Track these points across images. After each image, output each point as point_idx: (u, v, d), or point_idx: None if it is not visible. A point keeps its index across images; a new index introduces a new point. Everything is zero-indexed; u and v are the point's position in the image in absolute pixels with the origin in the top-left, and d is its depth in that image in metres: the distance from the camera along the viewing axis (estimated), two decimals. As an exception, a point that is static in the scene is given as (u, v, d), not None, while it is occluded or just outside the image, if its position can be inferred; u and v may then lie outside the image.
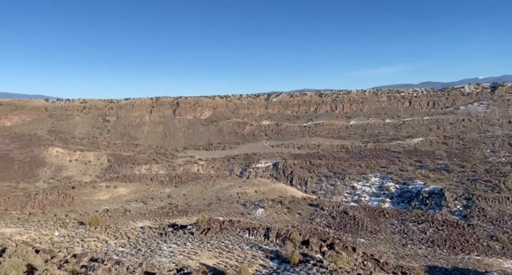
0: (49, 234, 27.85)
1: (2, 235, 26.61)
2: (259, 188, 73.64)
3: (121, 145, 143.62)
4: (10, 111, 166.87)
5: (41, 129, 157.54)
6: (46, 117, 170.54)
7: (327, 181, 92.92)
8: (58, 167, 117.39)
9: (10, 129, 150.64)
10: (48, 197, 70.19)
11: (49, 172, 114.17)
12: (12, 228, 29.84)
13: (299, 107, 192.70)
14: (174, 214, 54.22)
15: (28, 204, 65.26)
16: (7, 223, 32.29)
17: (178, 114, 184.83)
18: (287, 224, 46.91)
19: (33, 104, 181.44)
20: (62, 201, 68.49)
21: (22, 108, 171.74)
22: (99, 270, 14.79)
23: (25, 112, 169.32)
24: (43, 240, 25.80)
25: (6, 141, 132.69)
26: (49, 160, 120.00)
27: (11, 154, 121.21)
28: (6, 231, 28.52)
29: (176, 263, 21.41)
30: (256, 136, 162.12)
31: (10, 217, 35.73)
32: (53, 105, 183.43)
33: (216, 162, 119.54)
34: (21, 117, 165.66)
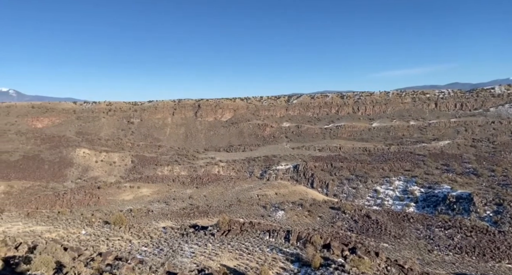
0: (76, 233, 28.85)
1: (33, 233, 27.82)
2: (280, 190, 73.36)
3: (145, 147, 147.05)
4: (41, 114, 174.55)
5: (69, 130, 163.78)
6: (74, 119, 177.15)
7: (349, 184, 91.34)
8: (85, 167, 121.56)
9: (41, 131, 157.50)
10: (76, 197, 72.86)
11: (77, 173, 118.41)
12: (42, 226, 31.13)
13: (320, 109, 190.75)
14: (195, 215, 54.91)
15: (57, 203, 67.97)
16: (38, 221, 33.73)
17: (199, 116, 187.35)
18: (308, 227, 46.43)
19: (62, 106, 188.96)
20: (89, 200, 70.89)
21: (52, 110, 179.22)
22: (123, 268, 15.14)
23: (54, 114, 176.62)
24: (71, 238, 26.75)
25: (38, 142, 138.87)
26: (76, 160, 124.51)
27: (41, 155, 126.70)
28: (37, 228, 29.79)
29: (197, 263, 21.63)
30: (276, 138, 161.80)
31: (41, 215, 37.32)
32: (81, 108, 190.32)
33: (236, 164, 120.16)
34: (51, 119, 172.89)
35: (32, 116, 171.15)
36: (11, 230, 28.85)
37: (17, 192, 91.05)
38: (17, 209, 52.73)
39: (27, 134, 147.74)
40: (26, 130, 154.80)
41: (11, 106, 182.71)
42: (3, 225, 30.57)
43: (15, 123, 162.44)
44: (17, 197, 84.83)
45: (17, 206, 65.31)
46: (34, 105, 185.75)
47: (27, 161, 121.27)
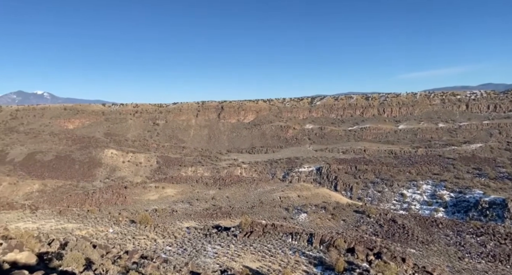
0: (104, 231, 29.86)
1: (64, 230, 29.06)
2: (302, 192, 72.71)
3: (169, 148, 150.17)
4: (72, 115, 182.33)
5: (98, 131, 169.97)
6: (103, 120, 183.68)
7: (374, 188, 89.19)
8: (113, 167, 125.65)
9: (72, 132, 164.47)
10: (104, 196, 75.41)
11: (105, 172, 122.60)
12: (73, 224, 32.45)
13: (344, 110, 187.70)
14: (218, 215, 55.41)
15: (86, 202, 70.62)
16: (69, 218, 35.21)
17: (222, 118, 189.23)
18: (331, 230, 45.70)
19: (92, 108, 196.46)
20: (116, 200, 73.15)
21: (82, 112, 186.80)
22: (148, 267, 15.49)
23: (85, 116, 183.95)
24: (99, 236, 27.71)
25: (69, 143, 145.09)
26: (104, 161, 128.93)
27: (72, 155, 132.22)
28: (68, 226, 31.09)
29: (220, 264, 21.81)
30: (299, 140, 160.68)
31: (72, 213, 38.93)
32: (109, 109, 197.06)
33: (258, 166, 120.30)
34: (81, 121, 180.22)
35: (64, 118, 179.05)
36: (45, 226, 30.27)
37: (50, 190, 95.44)
38: (50, 207, 55.24)
39: (60, 135, 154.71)
40: (58, 131, 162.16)
41: (46, 108, 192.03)
42: (37, 222, 32.13)
43: (49, 124, 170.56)
44: (50, 195, 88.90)
45: (50, 204, 68.43)
46: (66, 107, 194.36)
47: (59, 161, 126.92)
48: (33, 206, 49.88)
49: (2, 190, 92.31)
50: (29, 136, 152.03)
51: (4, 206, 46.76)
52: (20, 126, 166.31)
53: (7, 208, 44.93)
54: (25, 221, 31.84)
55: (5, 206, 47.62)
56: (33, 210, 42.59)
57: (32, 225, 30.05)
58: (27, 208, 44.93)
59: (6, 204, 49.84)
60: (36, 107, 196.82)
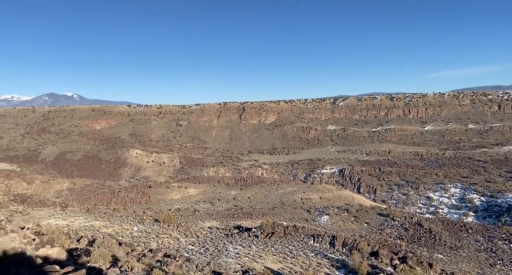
0: (129, 229, 30.68)
1: (92, 227, 30.10)
2: (324, 194, 71.84)
3: (192, 148, 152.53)
4: (99, 116, 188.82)
5: (123, 132, 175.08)
6: (128, 121, 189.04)
7: (399, 190, 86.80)
8: (137, 167, 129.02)
9: (99, 132, 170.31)
10: (129, 195, 77.54)
11: (130, 172, 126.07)
12: (100, 221, 33.56)
13: (367, 111, 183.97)
14: (239, 216, 55.67)
15: (112, 200, 72.84)
16: (96, 216, 36.45)
17: (243, 118, 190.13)
18: (354, 233, 44.84)
19: (118, 109, 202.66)
20: (140, 199, 75.03)
21: (109, 113, 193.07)
22: (171, 265, 15.75)
23: (111, 117, 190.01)
24: (125, 234, 28.50)
25: (96, 143, 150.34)
26: (130, 160, 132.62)
27: (99, 155, 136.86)
28: (96, 223, 32.18)
29: (241, 264, 21.88)
30: (321, 141, 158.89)
31: (99, 211, 40.29)
32: (134, 111, 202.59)
33: (280, 167, 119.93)
34: (108, 122, 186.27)
35: (92, 119, 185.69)
36: (74, 224, 31.47)
37: (79, 189, 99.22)
38: (79, 205, 57.43)
39: (88, 135, 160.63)
40: (87, 131, 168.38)
41: (75, 110, 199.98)
42: (67, 219, 33.46)
43: (78, 125, 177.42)
44: (79, 193, 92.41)
45: (78, 202, 71.14)
46: (93, 108, 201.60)
47: (87, 160, 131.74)
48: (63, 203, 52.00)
49: (35, 188, 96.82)
50: (60, 136, 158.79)
51: (36, 204, 49.05)
52: (51, 127, 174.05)
53: (39, 205, 47.11)
54: (56, 218, 33.26)
55: (37, 203, 49.94)
56: (63, 207, 44.42)
57: (62, 222, 31.32)
58: (57, 205, 46.89)
59: (39, 202, 52.24)
60: (66, 108, 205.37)
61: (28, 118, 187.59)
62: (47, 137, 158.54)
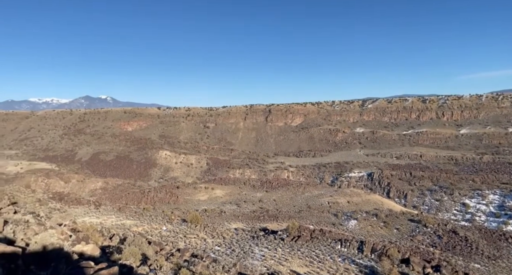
0: (158, 228, 31.50)
1: (123, 226, 31.19)
2: (352, 198, 70.26)
3: (218, 150, 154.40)
4: (131, 118, 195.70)
5: (153, 134, 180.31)
6: (158, 123, 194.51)
7: (431, 196, 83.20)
8: (166, 168, 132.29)
9: (131, 134, 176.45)
10: (158, 195, 79.62)
11: (159, 173, 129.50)
12: (131, 220, 34.71)
13: (398, 114, 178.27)
14: (265, 218, 55.61)
15: (142, 200, 75.11)
16: (127, 215, 37.73)
17: (270, 121, 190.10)
18: (383, 239, 43.47)
19: (148, 112, 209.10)
20: (169, 199, 76.85)
21: (140, 115, 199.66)
22: (198, 265, 15.98)
23: (142, 119, 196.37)
24: (154, 233, 29.29)
25: (128, 144, 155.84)
26: (159, 161, 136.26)
27: (131, 156, 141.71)
28: (127, 222, 33.31)
29: (267, 267, 21.82)
30: (349, 144, 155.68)
31: (129, 211, 41.69)
32: (164, 113, 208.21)
33: (306, 170, 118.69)
34: (139, 123, 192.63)
35: (124, 121, 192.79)
36: (107, 222, 32.75)
37: (111, 188, 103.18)
38: (111, 204, 59.69)
39: (120, 136, 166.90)
40: (119, 133, 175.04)
41: (108, 112, 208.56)
42: (100, 217, 34.88)
43: (111, 126, 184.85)
44: (111, 192, 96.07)
45: (111, 201, 73.95)
46: (125, 110, 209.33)
47: (119, 160, 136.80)
48: (96, 202, 54.25)
49: (72, 187, 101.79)
50: (94, 137, 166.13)
51: (73, 202, 51.52)
52: (87, 128, 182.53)
53: (75, 203, 49.44)
54: (90, 216, 34.78)
55: (73, 201, 52.44)
56: (96, 206, 46.37)
57: (96, 220, 32.68)
58: (92, 204, 49.01)
59: (75, 200, 54.85)
60: (100, 110, 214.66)
61: (66, 120, 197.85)
62: (83, 138, 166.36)
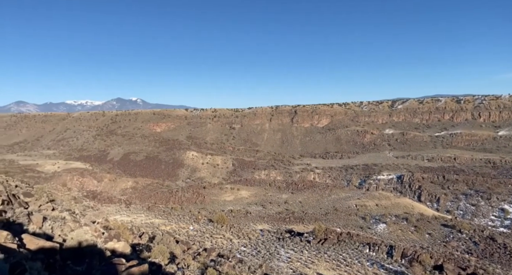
0: (185, 228, 32.11)
1: (152, 224, 32.06)
2: (381, 201, 68.34)
3: (244, 151, 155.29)
4: (160, 120, 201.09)
5: (181, 135, 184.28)
6: (185, 124, 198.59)
7: (466, 200, 79.29)
8: (193, 168, 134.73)
9: (159, 135, 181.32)
10: (185, 195, 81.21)
11: (186, 173, 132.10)
12: (159, 219, 35.62)
13: (430, 114, 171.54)
14: (290, 220, 55.22)
15: (170, 200, 76.87)
16: (156, 214, 38.76)
17: (295, 122, 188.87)
18: (414, 244, 41.89)
19: (176, 113, 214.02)
20: (195, 199, 78.16)
21: (168, 116, 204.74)
22: (225, 265, 16.09)
23: (170, 120, 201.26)
24: (181, 232, 29.87)
25: (157, 144, 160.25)
26: (186, 162, 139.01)
27: (159, 156, 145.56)
28: (155, 221, 34.21)
29: (293, 269, 21.64)
30: (377, 145, 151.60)
31: (158, 210, 42.81)
32: (191, 114, 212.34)
33: (333, 171, 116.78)
34: (167, 125, 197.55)
35: (153, 122, 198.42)
36: (136, 220, 33.80)
37: (141, 187, 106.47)
38: (141, 203, 61.56)
39: (149, 137, 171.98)
40: (148, 134, 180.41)
41: (138, 113, 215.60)
42: (130, 216, 36.06)
43: (141, 127, 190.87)
44: (141, 192, 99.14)
45: (140, 200, 76.28)
46: (155, 112, 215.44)
47: (148, 161, 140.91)
48: (127, 201, 56.15)
49: (104, 186, 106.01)
50: (125, 138, 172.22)
51: (105, 200, 53.63)
52: (118, 129, 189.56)
53: (107, 201, 51.44)
54: (121, 214, 36.04)
55: (106, 200, 54.58)
56: (127, 204, 47.98)
57: (126, 218, 33.81)
58: (122, 202, 50.77)
59: (107, 198, 57.08)
60: (130, 112, 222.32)
61: (99, 121, 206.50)
62: (114, 138, 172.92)
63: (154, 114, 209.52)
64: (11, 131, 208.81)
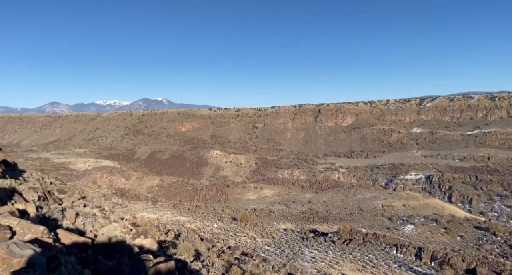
0: (209, 225, 32.53)
1: (177, 222, 32.72)
2: (408, 202, 66.31)
3: (267, 150, 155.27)
4: (184, 119, 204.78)
5: (205, 134, 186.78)
6: (209, 124, 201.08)
7: (502, 202, 75.46)
8: (217, 167, 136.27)
9: (184, 134, 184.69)
10: (209, 193, 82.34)
11: (210, 171, 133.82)
12: (184, 217, 36.29)
13: (461, 112, 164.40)
14: (314, 220, 54.71)
15: (195, 198, 78.21)
16: (181, 212, 39.53)
17: (319, 121, 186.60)
18: (445, 246, 40.34)
19: (200, 112, 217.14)
20: (219, 197, 79.07)
21: (192, 116, 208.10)
22: (249, 264, 16.17)
23: (194, 119, 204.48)
24: (206, 230, 30.30)
25: (181, 144, 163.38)
26: (210, 161, 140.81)
27: (184, 155, 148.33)
28: (181, 219, 34.90)
29: (318, 269, 21.42)
30: (404, 144, 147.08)
31: (183, 207, 43.64)
32: (215, 114, 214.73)
33: (358, 171, 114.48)
34: (192, 124, 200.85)
35: (178, 122, 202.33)
36: (162, 217, 34.61)
37: (166, 185, 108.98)
38: (166, 200, 62.98)
39: (174, 136, 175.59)
40: (173, 133, 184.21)
41: (164, 113, 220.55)
42: (157, 213, 36.98)
43: (166, 127, 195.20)
44: (167, 190, 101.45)
45: (166, 198, 78.09)
46: (180, 112, 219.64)
47: (174, 159, 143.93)
48: (153, 199, 57.64)
49: (131, 183, 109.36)
50: (151, 137, 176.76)
51: (132, 198, 55.31)
52: (145, 129, 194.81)
53: (135, 199, 53.03)
54: (148, 212, 37.04)
55: (133, 197, 56.28)
56: (153, 202, 49.26)
57: (153, 216, 34.70)
58: (149, 200, 52.17)
59: (134, 196, 58.82)
60: (156, 112, 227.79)
61: (127, 121, 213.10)
62: (141, 138, 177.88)
63: (179, 114, 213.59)
64: (46, 131, 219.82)
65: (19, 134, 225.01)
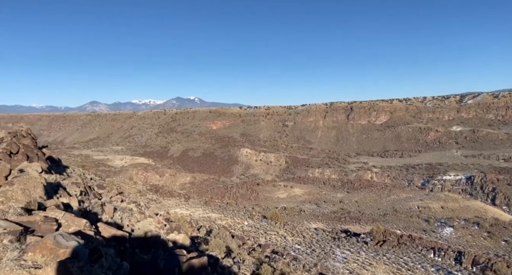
0: (240, 223, 32.86)
1: (209, 218, 33.36)
2: (447, 204, 63.20)
3: (297, 148, 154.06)
4: (215, 117, 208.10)
5: (235, 132, 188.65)
6: (240, 122, 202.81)
7: (552, 206, 69.89)
8: (247, 165, 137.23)
9: (215, 132, 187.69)
10: (240, 191, 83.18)
11: (240, 169, 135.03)
12: (215, 214, 36.93)
13: (507, 110, 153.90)
14: (346, 220, 53.63)
15: (225, 195, 79.35)
16: (212, 209, 40.24)
17: (351, 119, 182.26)
18: (487, 251, 38.05)
19: (231, 111, 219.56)
20: (249, 195, 79.64)
21: (223, 114, 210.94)
22: (279, 262, 16.16)
23: (225, 118, 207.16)
24: (236, 227, 30.65)
25: (212, 141, 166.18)
26: (240, 159, 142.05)
27: (215, 153, 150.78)
28: (212, 215, 35.55)
29: (350, 270, 20.99)
30: (442, 143, 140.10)
31: (214, 204, 44.42)
32: (245, 112, 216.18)
33: (392, 171, 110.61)
34: (222, 122, 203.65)
35: (209, 120, 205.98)
36: (194, 214, 35.45)
37: (198, 182, 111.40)
38: (198, 197, 64.45)
39: (206, 135, 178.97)
40: (205, 131, 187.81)
41: (196, 112, 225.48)
42: (189, 210, 37.92)
43: (198, 125, 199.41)
44: (198, 187, 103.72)
45: (198, 195, 79.89)
46: (211, 110, 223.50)
47: (205, 157, 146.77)
48: (186, 195, 59.12)
49: (165, 180, 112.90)
50: (184, 135, 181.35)
51: (166, 194, 57.08)
52: (177, 127, 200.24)
53: (168, 195, 54.69)
54: (180, 208, 38.08)
55: (167, 193, 58.10)
56: (186, 199, 50.55)
57: (185, 212, 35.61)
58: (182, 197, 53.60)
59: (168, 192, 60.71)
60: (189, 110, 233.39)
61: (160, 120, 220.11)
62: (174, 136, 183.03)
63: (210, 113, 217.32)
64: (86, 129, 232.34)
65: (63, 132, 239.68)
